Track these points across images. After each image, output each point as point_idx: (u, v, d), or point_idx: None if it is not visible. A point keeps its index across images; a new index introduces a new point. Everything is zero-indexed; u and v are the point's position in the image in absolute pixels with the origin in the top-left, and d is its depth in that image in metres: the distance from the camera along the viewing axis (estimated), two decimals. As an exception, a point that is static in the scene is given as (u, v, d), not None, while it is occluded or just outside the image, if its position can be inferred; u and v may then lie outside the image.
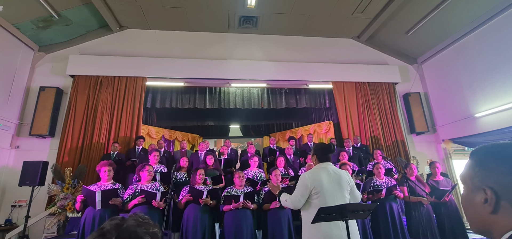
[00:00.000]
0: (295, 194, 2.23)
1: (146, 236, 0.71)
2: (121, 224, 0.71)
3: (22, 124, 5.74)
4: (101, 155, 5.49)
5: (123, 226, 0.70)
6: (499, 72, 5.48)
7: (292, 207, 2.26)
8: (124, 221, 0.72)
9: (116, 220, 0.72)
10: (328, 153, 2.27)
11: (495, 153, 0.67)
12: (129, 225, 0.71)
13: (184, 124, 9.04)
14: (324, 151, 2.28)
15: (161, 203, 3.48)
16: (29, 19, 5.54)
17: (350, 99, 6.94)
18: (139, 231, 0.71)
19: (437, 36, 6.64)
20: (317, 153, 2.30)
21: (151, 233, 0.72)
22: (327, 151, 2.27)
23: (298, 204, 2.21)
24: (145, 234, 0.71)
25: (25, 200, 4.98)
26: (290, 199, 2.28)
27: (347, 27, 7.09)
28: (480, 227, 0.68)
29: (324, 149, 2.30)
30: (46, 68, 6.26)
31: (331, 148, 2.26)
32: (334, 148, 6.17)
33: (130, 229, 0.70)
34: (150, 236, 0.72)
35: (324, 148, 2.31)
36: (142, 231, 0.71)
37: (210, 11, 6.32)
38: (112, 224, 0.71)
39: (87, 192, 3.29)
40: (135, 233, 0.70)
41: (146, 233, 0.71)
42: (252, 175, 4.61)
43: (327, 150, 2.28)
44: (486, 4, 5.44)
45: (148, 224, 0.74)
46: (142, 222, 0.74)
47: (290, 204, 2.27)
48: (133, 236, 0.70)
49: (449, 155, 6.83)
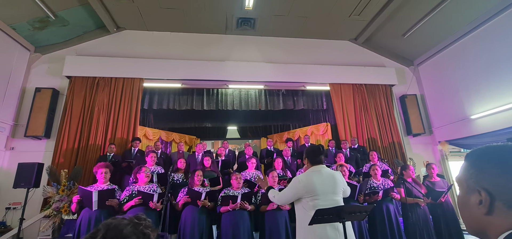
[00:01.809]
0: (285, 193, 2.24)
1: (132, 236, 0.71)
2: (111, 223, 0.71)
3: (17, 125, 5.69)
4: (97, 157, 5.45)
5: (112, 224, 0.71)
6: (494, 74, 5.54)
7: (279, 204, 2.30)
8: (116, 220, 0.72)
9: (111, 219, 0.73)
10: (319, 155, 2.24)
11: (489, 155, 0.67)
12: (118, 223, 0.71)
13: (182, 126, 9.01)
14: (315, 154, 2.26)
15: (158, 204, 3.46)
16: (25, 20, 5.50)
17: (347, 101, 6.96)
18: (126, 230, 0.71)
19: (433, 39, 6.70)
20: (309, 156, 2.28)
21: (138, 233, 0.72)
22: (318, 153, 2.25)
23: (285, 202, 2.29)
24: (131, 234, 0.71)
25: (20, 202, 4.92)
26: (278, 196, 2.30)
27: (344, 29, 7.13)
28: (476, 228, 0.68)
29: (315, 151, 2.27)
30: (42, 69, 6.21)
31: (321, 150, 2.26)
32: (323, 148, 6.19)
33: (117, 228, 0.70)
34: (137, 236, 0.72)
35: (314, 150, 2.28)
36: (129, 230, 0.71)
37: (207, 13, 6.32)
38: (104, 223, 0.71)
39: (83, 192, 3.27)
40: (121, 232, 0.70)
41: (133, 233, 0.71)
42: (250, 176, 4.60)
43: (317, 152, 2.25)
44: (481, 7, 5.50)
45: (141, 225, 0.73)
46: (136, 222, 0.73)
47: (277, 200, 2.33)
48: (119, 235, 0.70)
49: (445, 157, 6.88)
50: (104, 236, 0.68)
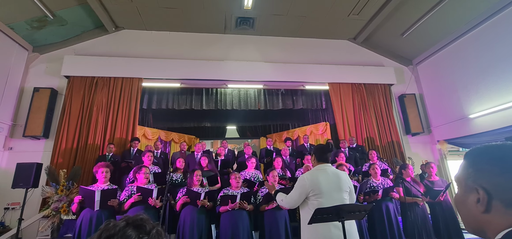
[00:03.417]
0: (291, 195, 2.24)
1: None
2: (108, 223, 0.71)
3: (15, 125, 5.67)
4: (96, 157, 5.44)
5: (110, 224, 0.71)
6: (492, 74, 5.56)
7: (288, 207, 2.28)
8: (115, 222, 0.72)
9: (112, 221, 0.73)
10: (327, 152, 2.30)
11: (488, 153, 0.68)
12: (115, 225, 0.71)
13: (181, 125, 9.01)
14: (323, 151, 2.31)
15: (157, 201, 3.45)
16: (23, 19, 5.47)
17: (346, 101, 6.97)
18: (122, 232, 0.70)
19: (432, 38, 6.71)
20: (316, 153, 2.33)
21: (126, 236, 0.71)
22: (326, 150, 2.30)
23: (294, 204, 2.24)
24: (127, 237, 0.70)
25: (19, 203, 4.91)
26: (286, 199, 2.29)
27: (343, 28, 7.14)
28: (474, 226, 0.68)
29: (323, 149, 2.33)
30: (40, 69, 6.19)
31: (329, 148, 2.30)
32: (332, 147, 6.18)
33: (112, 229, 0.70)
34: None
35: (323, 148, 2.34)
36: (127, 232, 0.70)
37: (206, 12, 6.31)
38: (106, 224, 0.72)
39: (85, 192, 3.25)
40: (116, 234, 0.70)
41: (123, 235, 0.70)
42: (249, 176, 4.60)
43: (326, 149, 2.31)
44: (479, 6, 5.52)
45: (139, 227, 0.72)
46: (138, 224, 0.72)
47: (286, 203, 2.30)
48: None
49: (444, 156, 6.90)
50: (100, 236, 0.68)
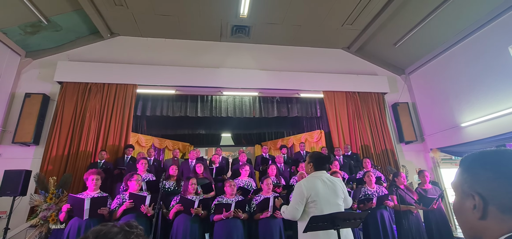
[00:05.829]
0: (291, 204, 2.22)
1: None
2: (100, 230, 0.69)
3: (5, 131, 5.53)
4: (88, 164, 5.33)
5: (102, 232, 0.69)
6: (483, 83, 5.68)
7: (291, 218, 2.22)
8: (106, 227, 0.70)
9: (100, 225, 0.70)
10: (326, 163, 2.29)
11: (482, 159, 0.68)
12: (107, 231, 0.69)
13: (175, 132, 8.92)
14: (322, 161, 2.29)
15: (149, 209, 3.38)
16: (16, 24, 5.41)
17: (340, 109, 7.02)
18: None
19: (424, 48, 6.86)
20: (314, 161, 2.29)
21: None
22: (326, 161, 2.29)
23: (295, 213, 2.18)
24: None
25: (5, 211, 4.74)
26: (287, 210, 2.26)
27: (338, 38, 7.24)
28: (472, 233, 0.68)
29: (323, 158, 2.30)
30: (32, 75, 6.09)
31: (330, 159, 2.30)
32: (331, 158, 6.21)
33: (107, 236, 0.68)
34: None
35: (322, 157, 2.31)
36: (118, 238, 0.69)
37: (202, 20, 6.34)
38: (93, 230, 0.69)
39: (74, 200, 3.17)
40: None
41: None
42: (243, 183, 4.56)
43: (326, 160, 2.29)
44: (470, 17, 5.67)
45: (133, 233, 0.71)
46: (127, 230, 0.71)
47: (288, 214, 2.25)
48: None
49: (437, 164, 6.97)
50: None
